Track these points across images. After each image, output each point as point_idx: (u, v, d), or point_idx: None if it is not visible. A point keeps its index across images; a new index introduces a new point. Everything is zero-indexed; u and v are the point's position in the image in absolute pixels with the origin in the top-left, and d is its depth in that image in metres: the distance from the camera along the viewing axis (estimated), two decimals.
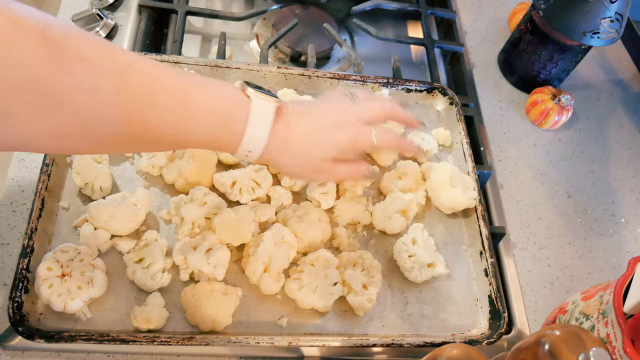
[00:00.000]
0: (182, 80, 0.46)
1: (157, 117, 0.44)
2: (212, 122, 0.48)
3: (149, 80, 0.43)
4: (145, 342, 0.53)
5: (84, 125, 0.40)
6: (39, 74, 0.36)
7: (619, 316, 0.49)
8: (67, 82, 0.37)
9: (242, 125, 0.49)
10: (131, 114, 0.42)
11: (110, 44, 0.42)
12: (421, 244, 0.64)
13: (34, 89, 0.36)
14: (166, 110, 0.44)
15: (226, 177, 0.64)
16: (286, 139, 0.52)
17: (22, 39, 0.35)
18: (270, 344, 0.55)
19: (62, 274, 0.54)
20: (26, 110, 0.37)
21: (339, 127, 0.55)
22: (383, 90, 0.77)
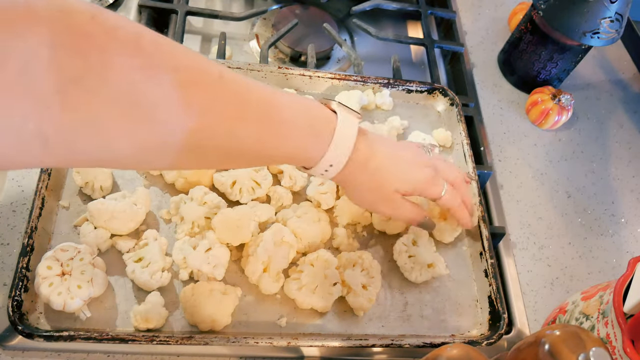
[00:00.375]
0: (270, 93, 0.45)
1: (245, 130, 0.43)
2: (298, 136, 0.47)
3: (239, 93, 0.42)
4: (145, 341, 0.52)
5: (170, 138, 0.38)
6: (130, 84, 0.35)
7: (619, 316, 0.49)
8: (157, 93, 0.36)
9: (327, 139, 0.48)
10: (219, 128, 0.41)
11: (200, 54, 0.41)
12: (421, 244, 0.64)
13: (125, 100, 0.35)
14: (254, 123, 0.43)
15: (226, 177, 0.64)
16: (367, 160, 0.51)
17: (116, 48, 0.34)
18: (269, 344, 0.55)
19: (62, 272, 0.54)
20: (117, 122, 0.35)
21: (418, 166, 0.55)
22: (384, 91, 0.77)
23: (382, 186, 0.54)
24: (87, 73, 0.33)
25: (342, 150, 0.49)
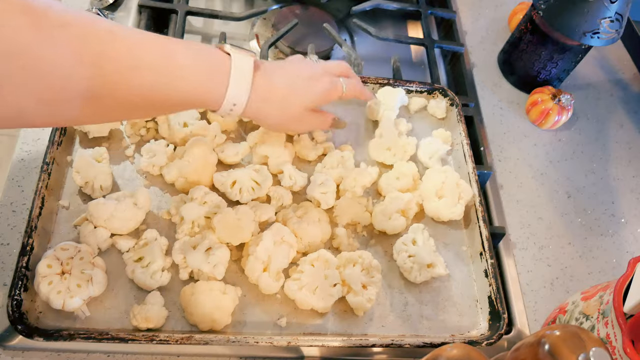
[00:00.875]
0: (163, 42, 0.48)
1: (140, 78, 0.46)
2: (195, 79, 0.50)
3: (131, 44, 0.45)
4: (144, 341, 0.52)
5: (69, 90, 0.42)
6: (22, 42, 0.37)
7: (619, 316, 0.49)
8: (49, 48, 0.39)
9: (224, 79, 0.52)
10: (114, 76, 0.44)
11: (93, 14, 0.45)
12: (421, 244, 0.64)
13: (18, 57, 0.38)
14: (149, 70, 0.46)
15: (226, 177, 0.64)
16: (269, 90, 0.56)
17: (4, 8, 0.36)
18: (269, 344, 0.55)
19: (61, 271, 0.54)
20: (14, 78, 0.38)
21: (315, 79, 0.60)
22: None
23: (291, 110, 0.59)
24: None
25: (241, 88, 0.53)
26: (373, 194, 0.71)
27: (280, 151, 0.68)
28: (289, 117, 0.60)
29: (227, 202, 0.64)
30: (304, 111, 0.60)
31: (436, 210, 0.68)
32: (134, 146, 0.67)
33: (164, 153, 0.65)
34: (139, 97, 0.47)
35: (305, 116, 0.61)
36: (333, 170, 0.68)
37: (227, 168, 0.68)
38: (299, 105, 0.59)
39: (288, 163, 0.68)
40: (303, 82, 0.59)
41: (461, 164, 0.74)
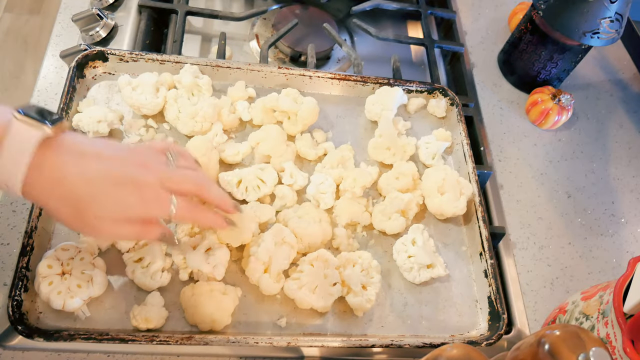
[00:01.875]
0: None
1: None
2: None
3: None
4: (145, 341, 0.52)
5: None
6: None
7: (619, 316, 0.49)
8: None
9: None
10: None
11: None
12: (421, 244, 0.64)
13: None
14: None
15: (231, 177, 0.64)
16: (59, 179, 0.44)
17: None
18: (269, 344, 0.55)
19: (62, 272, 0.54)
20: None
21: (132, 187, 0.47)
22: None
23: (80, 212, 0.46)
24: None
25: (12, 167, 0.42)
26: (373, 194, 0.71)
27: (282, 150, 0.68)
28: (75, 220, 0.47)
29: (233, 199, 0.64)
30: (99, 220, 0.46)
31: (439, 206, 0.68)
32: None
33: None
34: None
35: (102, 226, 0.47)
36: (333, 170, 0.68)
37: (228, 168, 0.68)
38: (90, 211, 0.46)
39: (290, 161, 0.68)
40: (109, 187, 0.46)
41: (461, 164, 0.74)
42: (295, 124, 0.70)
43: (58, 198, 0.45)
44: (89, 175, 0.45)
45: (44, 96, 0.72)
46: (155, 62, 0.71)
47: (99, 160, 0.47)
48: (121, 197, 0.47)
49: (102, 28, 0.78)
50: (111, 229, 0.48)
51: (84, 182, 0.45)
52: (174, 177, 0.50)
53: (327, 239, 0.65)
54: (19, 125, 0.43)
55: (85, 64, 0.69)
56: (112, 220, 0.47)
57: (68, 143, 0.46)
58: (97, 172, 0.46)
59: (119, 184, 0.46)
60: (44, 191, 0.45)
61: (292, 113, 0.70)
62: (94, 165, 0.46)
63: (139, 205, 0.48)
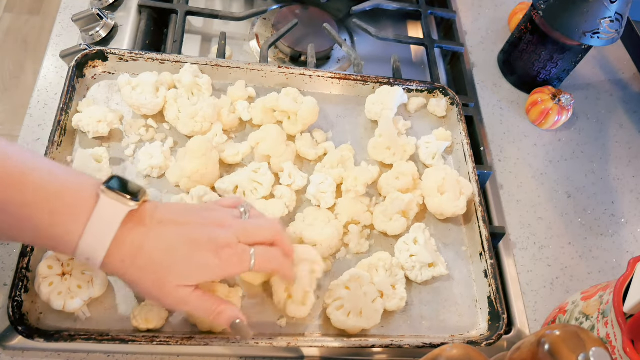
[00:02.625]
0: (21, 169, 0.41)
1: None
2: (37, 225, 0.42)
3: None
4: (145, 341, 0.52)
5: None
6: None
7: (619, 316, 0.49)
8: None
9: (77, 228, 0.43)
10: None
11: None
12: (422, 243, 0.64)
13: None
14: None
15: (227, 184, 0.64)
16: (138, 250, 0.44)
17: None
18: (269, 344, 0.55)
19: (62, 272, 0.54)
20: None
21: (211, 247, 0.46)
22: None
23: (161, 282, 0.46)
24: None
25: (96, 244, 0.43)
26: (376, 195, 0.71)
27: (282, 150, 0.68)
28: (160, 293, 0.46)
29: None
30: (181, 289, 0.46)
31: (439, 206, 0.68)
32: (134, 146, 0.67)
33: (161, 153, 0.65)
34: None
35: (185, 297, 0.47)
36: (333, 170, 0.68)
37: (229, 168, 0.68)
38: (172, 282, 0.46)
39: (289, 162, 0.68)
40: (189, 250, 0.46)
41: (461, 164, 0.74)
42: (295, 123, 0.70)
43: (138, 269, 0.45)
44: (167, 242, 0.45)
45: (44, 96, 0.72)
46: (155, 61, 0.71)
47: (176, 226, 0.46)
48: (200, 260, 0.46)
49: (102, 28, 0.78)
50: (194, 299, 0.47)
51: (162, 250, 0.45)
52: (250, 229, 0.50)
53: (341, 236, 0.65)
54: (106, 201, 0.43)
55: (85, 63, 0.69)
56: (193, 291, 0.47)
57: (148, 214, 0.46)
58: (175, 238, 0.46)
59: (197, 248, 0.46)
60: (123, 264, 0.45)
61: (292, 113, 0.70)
62: (171, 231, 0.46)
63: (219, 266, 0.47)
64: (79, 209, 0.43)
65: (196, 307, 0.48)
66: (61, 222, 0.43)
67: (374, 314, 0.58)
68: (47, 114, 0.70)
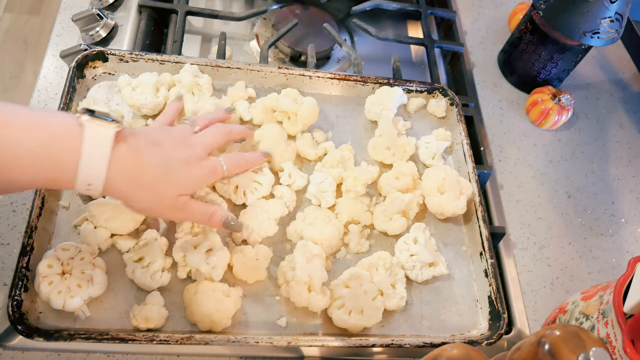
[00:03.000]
0: (4, 126, 0.43)
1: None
2: (37, 168, 0.44)
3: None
4: (145, 341, 0.52)
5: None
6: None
7: (619, 316, 0.49)
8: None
9: (73, 157, 0.45)
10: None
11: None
12: (422, 243, 0.64)
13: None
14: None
15: (227, 184, 0.64)
16: (138, 170, 0.49)
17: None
18: (269, 344, 0.55)
19: (62, 271, 0.54)
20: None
21: (192, 164, 0.54)
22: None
23: (164, 195, 0.52)
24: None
25: (96, 166, 0.46)
26: (376, 195, 0.71)
27: (282, 149, 0.68)
28: (164, 205, 0.52)
29: (233, 205, 0.64)
30: (181, 199, 0.53)
31: (439, 206, 0.68)
32: None
33: None
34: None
35: (185, 205, 0.53)
36: (333, 170, 0.68)
37: None
38: (174, 192, 0.52)
39: (290, 161, 0.68)
40: (179, 166, 0.52)
41: (461, 164, 0.74)
42: (295, 124, 0.70)
43: (139, 186, 0.50)
44: (161, 160, 0.51)
45: (44, 96, 0.72)
46: (155, 62, 0.71)
47: (162, 146, 0.52)
48: (189, 173, 0.53)
49: (102, 28, 0.78)
50: (189, 207, 0.54)
51: (161, 166, 0.51)
52: (208, 140, 0.57)
53: (342, 235, 0.65)
54: (92, 127, 0.46)
55: (85, 64, 0.69)
56: (189, 199, 0.54)
57: (133, 135, 0.50)
58: (167, 156, 0.52)
59: (184, 163, 0.53)
60: (124, 183, 0.49)
61: (292, 113, 0.70)
62: (161, 151, 0.52)
63: (205, 176, 0.55)
64: (70, 139, 0.45)
65: (193, 212, 0.55)
66: (57, 152, 0.45)
67: (375, 312, 0.59)
68: None
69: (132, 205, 0.52)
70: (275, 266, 0.61)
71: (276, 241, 0.64)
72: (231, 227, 0.57)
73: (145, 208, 0.53)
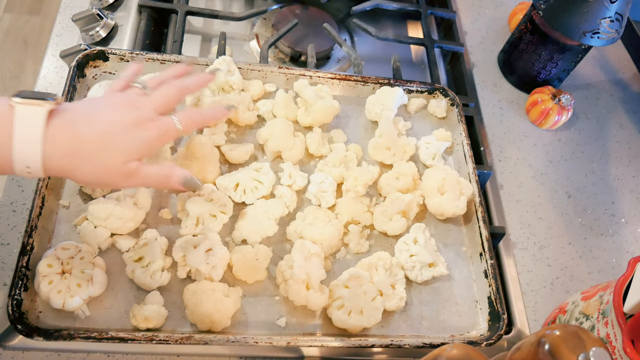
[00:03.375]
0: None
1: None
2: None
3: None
4: (144, 341, 0.52)
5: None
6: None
7: (619, 316, 0.49)
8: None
9: (6, 140, 0.44)
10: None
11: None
12: (422, 243, 0.64)
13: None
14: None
15: (228, 181, 0.64)
16: (74, 144, 0.47)
17: None
18: (269, 344, 0.55)
19: (62, 271, 0.54)
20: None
21: (139, 126, 0.50)
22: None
23: (108, 164, 0.49)
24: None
25: (30, 147, 0.45)
26: (376, 195, 0.71)
27: (290, 143, 0.68)
28: (110, 173, 0.50)
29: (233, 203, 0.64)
30: (129, 164, 0.50)
31: (439, 206, 0.68)
32: None
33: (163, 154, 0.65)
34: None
35: (134, 170, 0.50)
36: (334, 169, 0.68)
37: (230, 167, 0.68)
38: (119, 158, 0.49)
39: (291, 161, 0.68)
40: (122, 131, 0.49)
41: (461, 164, 0.74)
42: (307, 115, 0.71)
43: (79, 160, 0.48)
44: (101, 128, 0.48)
45: None
46: (155, 61, 0.71)
47: (100, 114, 0.49)
48: (135, 136, 0.50)
49: (102, 28, 0.78)
50: (143, 171, 0.51)
51: (100, 135, 0.48)
52: (158, 99, 0.54)
53: (341, 235, 0.65)
54: (22, 108, 0.45)
55: (86, 63, 0.69)
56: (140, 164, 0.51)
57: (68, 110, 0.48)
58: (106, 124, 0.49)
59: (129, 127, 0.50)
60: (63, 160, 0.47)
61: (309, 105, 0.71)
62: (100, 119, 0.49)
63: (156, 136, 0.51)
64: (2, 122, 0.44)
65: (147, 176, 0.52)
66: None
67: (374, 312, 0.59)
68: None
69: (79, 180, 0.50)
70: (275, 266, 0.61)
71: (276, 241, 0.64)
72: (190, 186, 0.55)
73: (94, 180, 0.51)
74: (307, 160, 0.71)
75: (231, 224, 0.63)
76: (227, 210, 0.62)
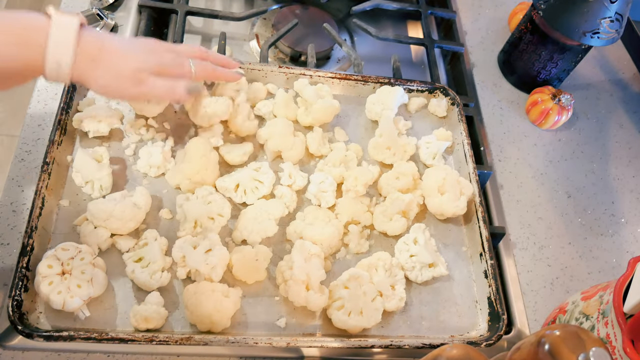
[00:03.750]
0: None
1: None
2: (5, 50, 0.49)
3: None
4: (144, 341, 0.52)
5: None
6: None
7: (619, 316, 0.49)
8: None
9: (41, 43, 0.50)
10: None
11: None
12: (422, 243, 0.64)
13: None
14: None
15: (228, 182, 0.64)
16: (99, 48, 0.54)
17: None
18: (268, 344, 0.55)
19: (62, 271, 0.54)
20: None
21: (157, 52, 0.58)
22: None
23: (123, 70, 0.55)
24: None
25: (64, 45, 0.51)
26: (376, 195, 0.71)
27: (290, 142, 0.68)
28: (120, 79, 0.56)
29: (233, 205, 0.64)
30: (139, 73, 0.56)
31: (439, 206, 0.68)
32: (134, 146, 0.67)
33: (160, 153, 0.65)
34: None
35: (143, 79, 0.56)
36: (335, 169, 0.68)
37: (230, 169, 0.68)
38: (132, 65, 0.56)
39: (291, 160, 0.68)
40: (141, 49, 0.57)
41: (462, 164, 0.74)
42: (307, 115, 0.71)
43: (100, 64, 0.54)
44: (125, 44, 0.56)
45: (44, 96, 0.72)
46: None
47: (125, 38, 0.58)
48: (151, 56, 0.57)
49: (102, 28, 0.78)
50: (151, 81, 0.57)
51: (119, 46, 0.55)
52: (182, 49, 0.61)
53: (341, 236, 0.65)
54: (58, 16, 0.52)
55: None
56: (148, 74, 0.56)
57: (93, 29, 0.55)
58: (131, 43, 0.57)
59: (148, 50, 0.57)
60: (90, 63, 0.53)
61: (310, 104, 0.71)
62: (123, 39, 0.57)
63: (168, 66, 0.58)
64: (39, 27, 0.51)
65: (154, 86, 0.58)
66: (27, 41, 0.50)
67: (374, 313, 0.59)
68: (47, 114, 0.70)
69: (92, 84, 0.56)
70: (275, 267, 0.61)
71: (276, 241, 0.64)
72: (194, 92, 0.62)
73: (105, 85, 0.56)
74: (307, 160, 0.71)
75: (231, 225, 0.63)
76: (224, 213, 0.62)
